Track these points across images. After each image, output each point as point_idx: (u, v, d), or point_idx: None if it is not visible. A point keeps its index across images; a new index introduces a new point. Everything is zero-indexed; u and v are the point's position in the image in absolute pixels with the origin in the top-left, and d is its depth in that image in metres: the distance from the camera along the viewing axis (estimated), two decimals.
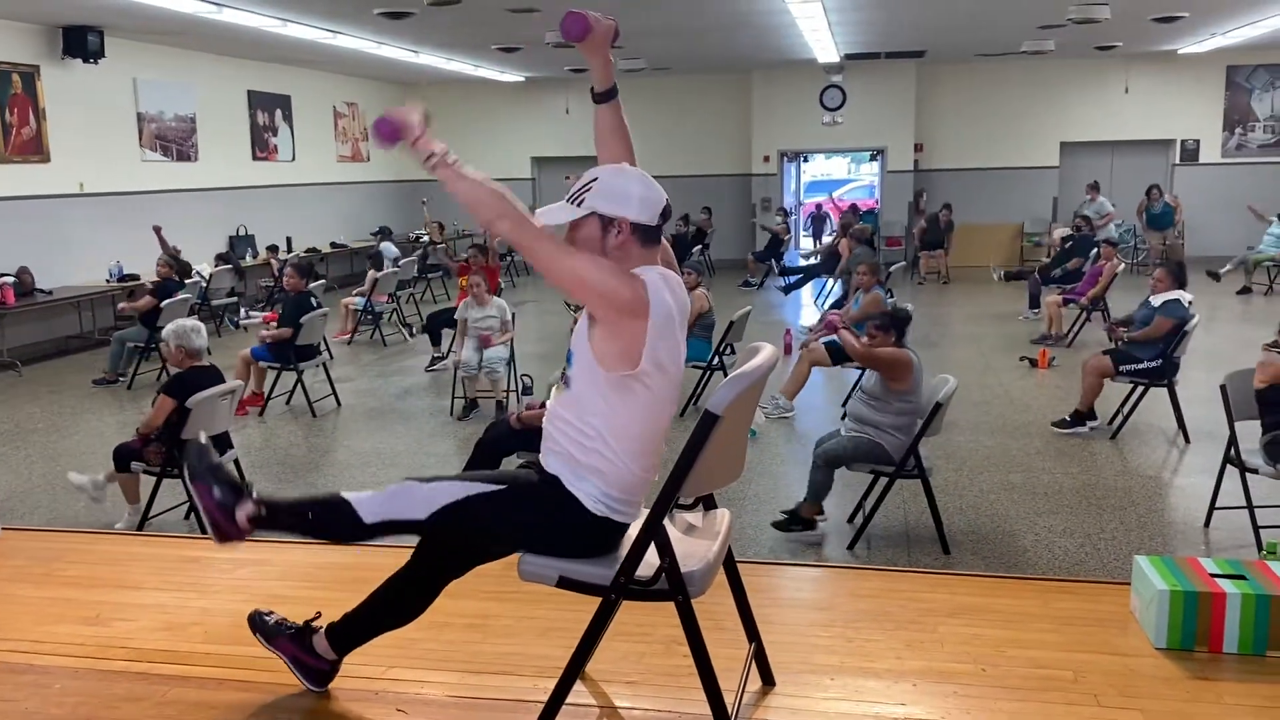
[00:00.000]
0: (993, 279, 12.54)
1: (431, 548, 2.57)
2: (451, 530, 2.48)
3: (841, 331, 5.64)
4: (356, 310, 11.27)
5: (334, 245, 15.93)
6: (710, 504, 2.73)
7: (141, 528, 5.18)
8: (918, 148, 17.31)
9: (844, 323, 6.14)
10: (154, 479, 5.23)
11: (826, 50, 14.43)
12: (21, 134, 10.58)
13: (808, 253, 16.73)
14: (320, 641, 2.68)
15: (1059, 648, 3.00)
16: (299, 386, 8.10)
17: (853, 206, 16.45)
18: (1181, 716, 2.64)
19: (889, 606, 3.30)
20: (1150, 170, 17.20)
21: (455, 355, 7.99)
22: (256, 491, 2.58)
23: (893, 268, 11.55)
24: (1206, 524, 5.21)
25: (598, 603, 2.39)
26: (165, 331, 5.43)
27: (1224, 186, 16.69)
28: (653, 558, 2.33)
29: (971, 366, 8.95)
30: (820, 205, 20.89)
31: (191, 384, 5.15)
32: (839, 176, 24.30)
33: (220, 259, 12.44)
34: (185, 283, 10.16)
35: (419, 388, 8.92)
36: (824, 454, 5.03)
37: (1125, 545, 4.99)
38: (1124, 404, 7.03)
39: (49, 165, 10.92)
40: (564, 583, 2.41)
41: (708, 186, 17.52)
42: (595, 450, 2.35)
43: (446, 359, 9.06)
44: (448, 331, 9.15)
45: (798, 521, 5.12)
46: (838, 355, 7.54)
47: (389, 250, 12.81)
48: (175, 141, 12.92)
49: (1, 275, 9.93)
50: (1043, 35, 13.26)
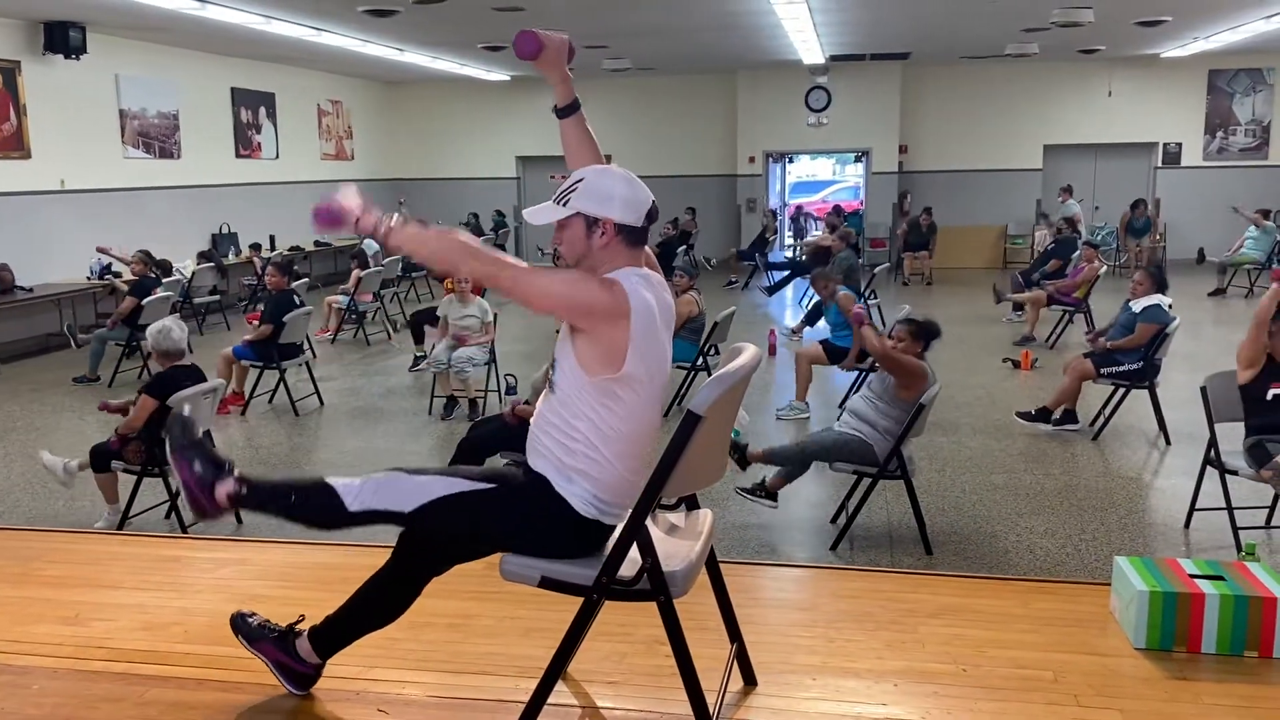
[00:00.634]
0: (995, 303, 12.19)
1: (414, 545, 2.54)
2: (436, 526, 2.46)
3: (864, 328, 5.60)
4: (340, 309, 11.23)
5: (317, 244, 15.86)
6: (693, 504, 2.73)
7: (121, 527, 5.15)
8: (902, 149, 17.37)
9: (866, 317, 6.11)
10: (134, 478, 5.20)
11: (812, 51, 14.46)
12: (2, 130, 10.50)
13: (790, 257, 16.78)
14: (303, 645, 2.66)
15: (1039, 648, 3.02)
16: (281, 385, 8.07)
17: (835, 208, 16.45)
18: (1160, 716, 2.66)
19: (871, 607, 3.31)
20: (1133, 173, 17.33)
21: (432, 349, 7.97)
22: (239, 469, 2.56)
23: (877, 269, 11.58)
24: (1187, 525, 5.25)
25: (579, 603, 2.39)
26: (148, 332, 5.38)
27: (1206, 189, 16.82)
28: (635, 557, 2.33)
29: (955, 368, 8.98)
30: (801, 208, 20.95)
31: (172, 383, 5.12)
32: (824, 178, 24.36)
33: (203, 257, 12.37)
34: (164, 280, 10.09)
35: (402, 387, 8.90)
36: (813, 441, 5.10)
37: (1106, 546, 5.01)
38: (1105, 406, 7.07)
39: (29, 161, 10.84)
40: (546, 583, 2.41)
41: (693, 187, 17.53)
42: (582, 453, 2.35)
43: (429, 358, 9.03)
44: (431, 330, 9.11)
45: (762, 489, 5.21)
46: (832, 354, 7.55)
47: (370, 247, 12.74)
48: (158, 139, 12.84)
49: None
50: (1027, 38, 13.33)
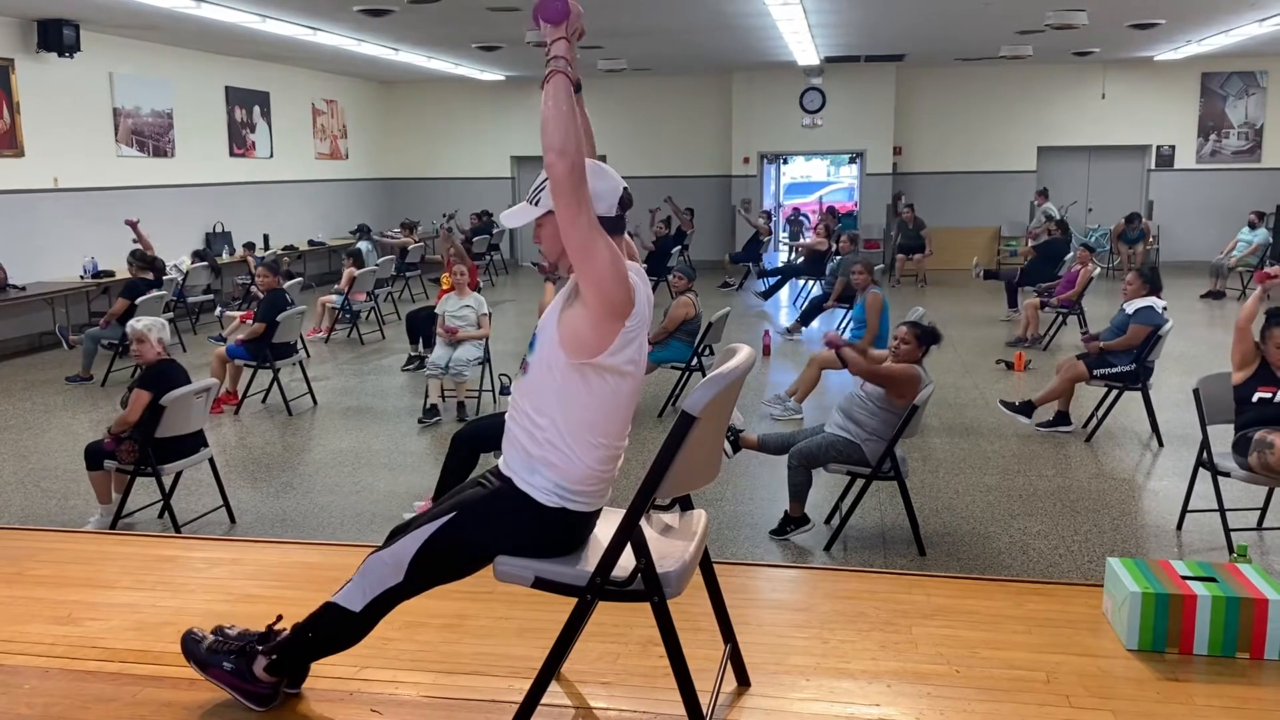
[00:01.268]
0: (973, 276, 12.78)
1: (410, 587, 2.54)
2: (427, 571, 2.48)
3: (843, 349, 5.50)
4: (334, 308, 11.22)
5: (311, 243, 15.86)
6: (687, 505, 2.73)
7: (114, 526, 5.14)
8: (897, 151, 17.39)
9: (841, 340, 6.10)
10: (126, 477, 5.19)
11: (807, 53, 14.47)
12: None
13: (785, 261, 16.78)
14: (259, 664, 2.63)
15: (1032, 649, 3.02)
16: (275, 385, 8.05)
17: (830, 209, 16.46)
18: (1152, 717, 2.66)
19: (864, 608, 3.31)
20: (1126, 175, 17.37)
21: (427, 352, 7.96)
22: (261, 646, 2.63)
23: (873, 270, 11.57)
24: (1179, 526, 5.26)
25: (573, 603, 2.39)
26: (141, 327, 5.31)
27: (1199, 192, 16.88)
28: (629, 558, 2.33)
29: (949, 369, 9.00)
30: (798, 209, 20.96)
31: (165, 376, 5.11)
32: (818, 179, 24.38)
33: (197, 256, 12.35)
34: (162, 280, 10.06)
35: (396, 387, 8.89)
36: (800, 453, 5.04)
37: (1099, 547, 5.03)
38: (1098, 408, 7.09)
39: (23, 159, 10.80)
40: (540, 583, 2.41)
41: (688, 187, 17.53)
42: (548, 442, 2.35)
43: (429, 360, 9.03)
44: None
45: (790, 522, 5.16)
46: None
47: (365, 246, 12.78)
48: (152, 137, 12.82)
49: None
50: (1021, 40, 13.35)
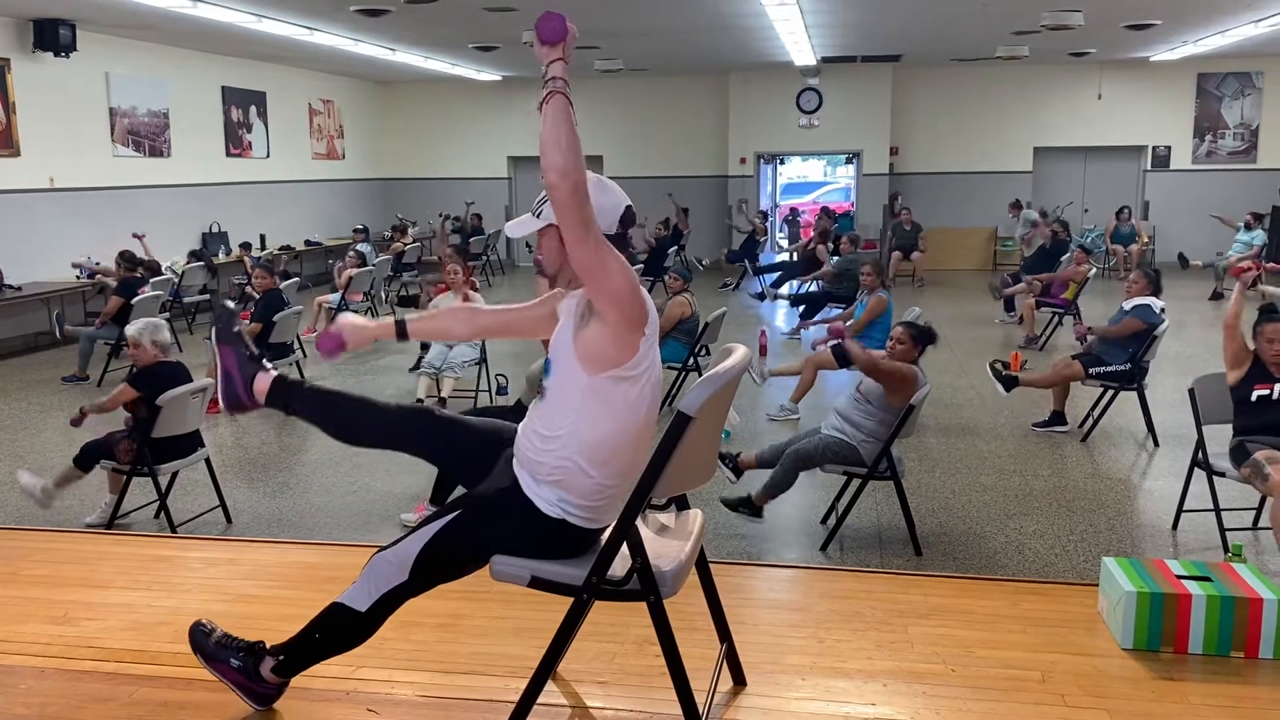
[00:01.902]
0: (995, 299, 12.27)
1: (416, 585, 2.54)
2: (431, 569, 2.48)
3: (847, 341, 5.52)
4: (330, 308, 11.21)
5: (308, 243, 15.84)
6: (683, 504, 2.74)
7: (111, 526, 5.14)
8: (893, 151, 17.40)
9: (848, 332, 6.13)
10: (122, 477, 5.18)
11: (803, 53, 14.48)
12: None
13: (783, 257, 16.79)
14: (266, 665, 2.63)
15: (1028, 648, 3.03)
16: None
17: (824, 209, 16.46)
18: (1147, 716, 2.67)
19: (860, 607, 3.32)
20: (1122, 176, 17.39)
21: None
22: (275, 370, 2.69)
23: None
24: (1174, 526, 5.27)
25: (570, 603, 2.39)
26: (130, 332, 5.32)
27: (1194, 193, 16.89)
28: (625, 558, 2.34)
29: (945, 369, 9.01)
30: (795, 209, 20.96)
31: (158, 379, 5.10)
32: (815, 179, 24.38)
33: (193, 256, 12.34)
34: (151, 280, 10.06)
35: (393, 386, 8.88)
36: (796, 454, 5.04)
37: (1094, 547, 5.03)
38: (1094, 408, 7.10)
39: (19, 159, 10.78)
40: (536, 583, 2.41)
41: (684, 188, 17.50)
42: (557, 464, 2.36)
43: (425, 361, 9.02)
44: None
45: (746, 505, 5.15)
46: (842, 359, 7.53)
47: (366, 247, 12.81)
48: (148, 137, 12.80)
49: None
50: (1017, 41, 13.37)
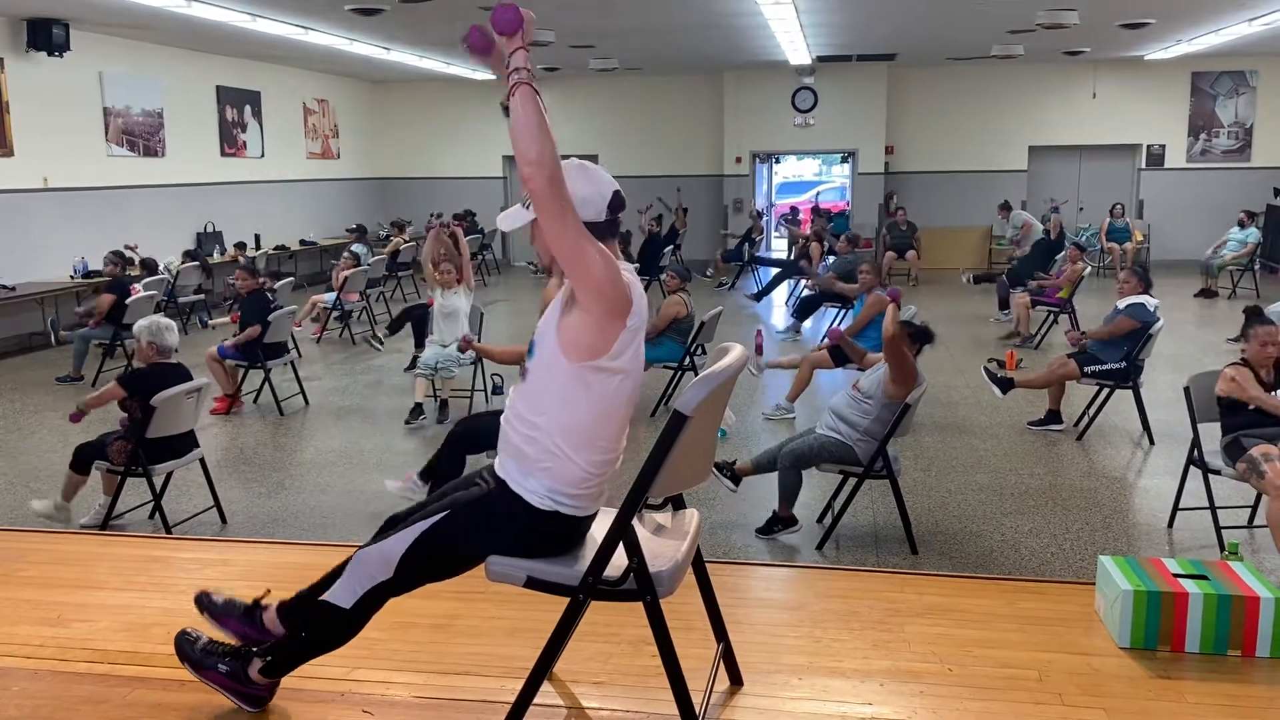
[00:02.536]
0: (961, 282, 12.69)
1: (400, 584, 2.52)
2: (418, 568, 2.47)
3: (892, 305, 5.34)
4: (325, 307, 11.19)
5: (303, 242, 15.82)
6: (679, 504, 2.73)
7: (105, 527, 5.12)
8: (888, 150, 17.41)
9: (843, 335, 6.19)
10: (115, 479, 5.16)
11: (798, 52, 14.48)
12: None
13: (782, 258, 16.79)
14: (254, 666, 2.63)
15: (1024, 647, 3.02)
16: (266, 385, 8.03)
17: (815, 209, 16.46)
18: (1144, 715, 2.67)
19: (857, 607, 3.31)
20: (1117, 175, 17.41)
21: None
22: (254, 648, 2.63)
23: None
24: (1170, 524, 5.27)
25: (565, 603, 2.39)
26: (137, 326, 5.34)
27: (1189, 191, 16.93)
28: (621, 558, 2.33)
29: (940, 368, 9.01)
30: (794, 208, 20.96)
31: (152, 381, 5.08)
32: (810, 178, 24.38)
33: (188, 256, 12.32)
34: (146, 279, 10.04)
35: (388, 386, 8.87)
36: (790, 454, 5.04)
37: (1090, 546, 5.03)
38: (1089, 406, 7.10)
39: (12, 159, 10.75)
40: (532, 583, 2.40)
41: (681, 186, 17.52)
42: (543, 447, 2.35)
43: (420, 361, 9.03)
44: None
45: (778, 522, 5.15)
46: (839, 358, 7.53)
47: (361, 248, 12.78)
48: (142, 137, 12.77)
49: None
50: (1012, 40, 13.37)
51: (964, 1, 10.70)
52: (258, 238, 14.68)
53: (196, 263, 12.03)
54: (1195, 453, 5.00)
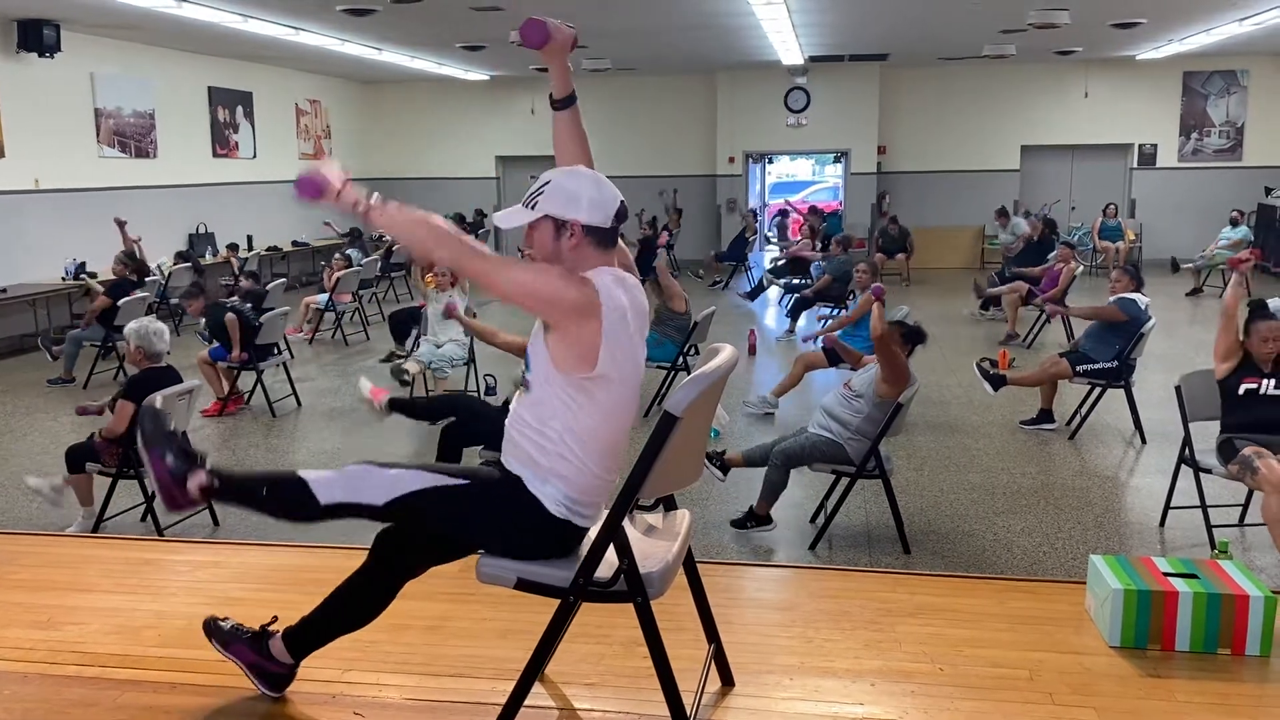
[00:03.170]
0: (975, 307, 12.14)
1: (390, 547, 2.53)
2: (410, 521, 2.46)
3: (878, 304, 5.29)
4: (318, 309, 11.17)
5: (295, 244, 15.80)
6: (670, 505, 2.73)
7: (96, 529, 5.11)
8: (881, 150, 17.43)
9: (837, 340, 6.22)
10: (108, 480, 5.15)
11: (791, 52, 14.49)
12: None
13: (775, 258, 16.79)
14: (277, 645, 2.65)
15: (1015, 647, 3.03)
16: (259, 386, 8.01)
17: (812, 208, 16.48)
18: (1134, 714, 2.68)
19: (849, 606, 3.31)
20: (1109, 174, 17.46)
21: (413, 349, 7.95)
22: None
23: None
24: (1162, 523, 5.29)
25: (557, 605, 2.38)
26: (127, 329, 5.34)
27: (1180, 190, 16.98)
28: (612, 559, 2.33)
29: (932, 367, 9.02)
30: (786, 209, 20.96)
31: (149, 385, 5.07)
32: (803, 178, 24.41)
33: (180, 257, 12.29)
34: (144, 281, 10.02)
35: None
36: (782, 453, 5.04)
37: (1082, 545, 5.05)
38: (1081, 405, 7.12)
39: (3, 160, 10.71)
40: (522, 584, 2.40)
41: (674, 187, 17.53)
42: (556, 454, 2.35)
43: (408, 358, 9.00)
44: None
45: (753, 518, 5.15)
46: (832, 357, 7.54)
47: (358, 255, 12.80)
48: (134, 138, 12.74)
49: None
50: (1004, 40, 13.40)
51: (956, 1, 10.72)
52: (250, 239, 14.65)
53: (189, 264, 12.00)
54: (1187, 451, 5.01)
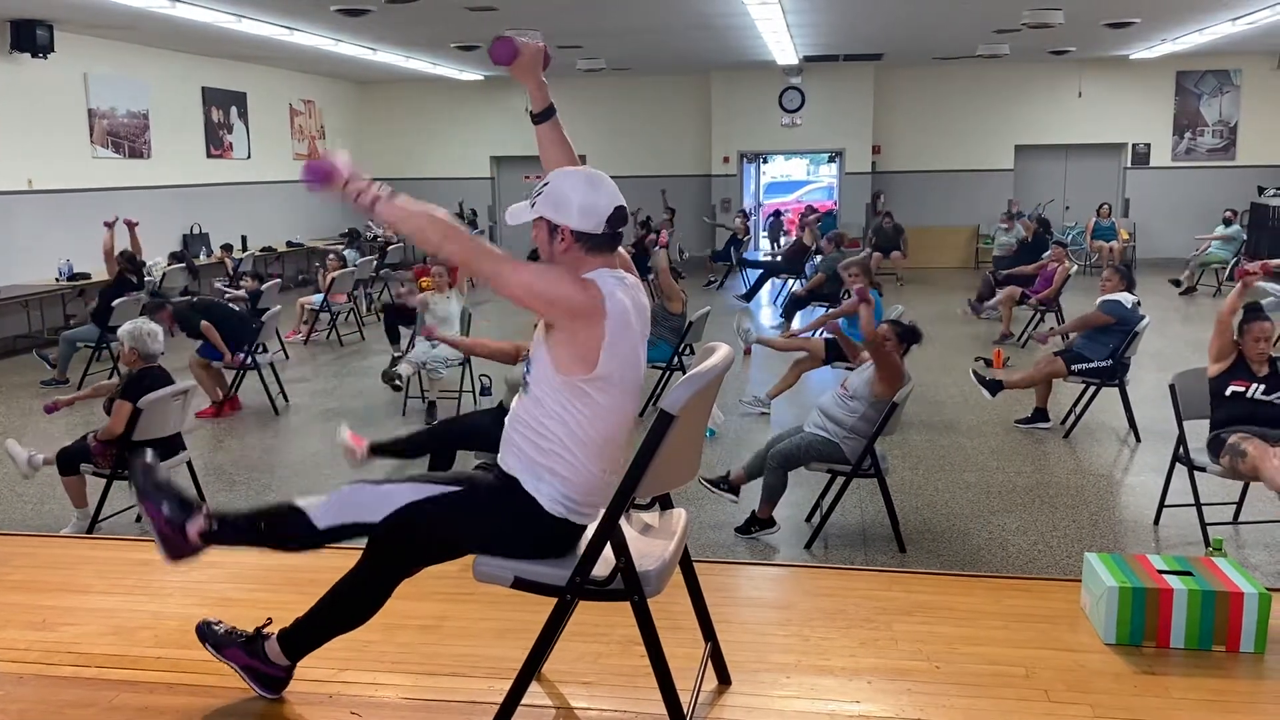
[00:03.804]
0: (967, 313, 12.01)
1: (383, 548, 2.53)
2: (406, 533, 2.45)
3: (864, 305, 5.38)
4: (313, 309, 11.16)
5: (290, 244, 15.78)
6: (667, 503, 2.73)
7: (91, 530, 5.09)
8: (875, 150, 17.45)
9: (840, 330, 6.29)
10: (103, 482, 5.14)
11: (785, 52, 14.50)
12: None
13: (767, 254, 16.81)
14: (272, 647, 2.64)
15: (1011, 644, 3.04)
16: (261, 385, 8.01)
17: (809, 207, 16.50)
18: (1129, 711, 2.68)
19: (845, 605, 3.32)
20: (1103, 174, 17.49)
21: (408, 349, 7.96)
22: (207, 506, 2.58)
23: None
24: (1156, 521, 5.30)
25: (553, 604, 2.39)
26: (121, 331, 5.31)
27: (1174, 190, 17.02)
28: (609, 557, 2.33)
29: (927, 367, 9.03)
30: (780, 212, 20.97)
31: (147, 385, 5.06)
32: (798, 178, 24.40)
33: (174, 258, 12.27)
34: (144, 282, 10.01)
35: (375, 388, 8.84)
36: (779, 455, 5.04)
37: (1077, 543, 5.06)
38: (1076, 404, 7.13)
39: None
40: (519, 584, 2.40)
41: (668, 187, 17.54)
42: (554, 453, 2.35)
43: (403, 359, 9.00)
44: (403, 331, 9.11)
45: (756, 523, 5.15)
46: (830, 354, 7.50)
47: (354, 256, 12.79)
48: (127, 138, 12.72)
49: None
50: (998, 39, 13.42)
51: (950, 1, 10.73)
52: (244, 239, 14.63)
53: (183, 264, 11.98)
54: (1181, 450, 5.02)
